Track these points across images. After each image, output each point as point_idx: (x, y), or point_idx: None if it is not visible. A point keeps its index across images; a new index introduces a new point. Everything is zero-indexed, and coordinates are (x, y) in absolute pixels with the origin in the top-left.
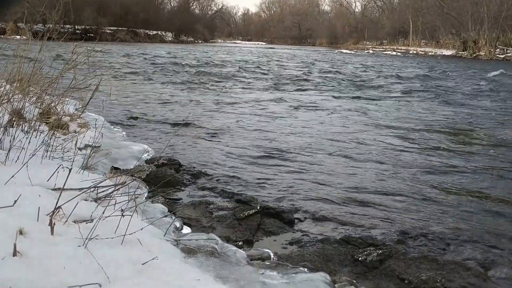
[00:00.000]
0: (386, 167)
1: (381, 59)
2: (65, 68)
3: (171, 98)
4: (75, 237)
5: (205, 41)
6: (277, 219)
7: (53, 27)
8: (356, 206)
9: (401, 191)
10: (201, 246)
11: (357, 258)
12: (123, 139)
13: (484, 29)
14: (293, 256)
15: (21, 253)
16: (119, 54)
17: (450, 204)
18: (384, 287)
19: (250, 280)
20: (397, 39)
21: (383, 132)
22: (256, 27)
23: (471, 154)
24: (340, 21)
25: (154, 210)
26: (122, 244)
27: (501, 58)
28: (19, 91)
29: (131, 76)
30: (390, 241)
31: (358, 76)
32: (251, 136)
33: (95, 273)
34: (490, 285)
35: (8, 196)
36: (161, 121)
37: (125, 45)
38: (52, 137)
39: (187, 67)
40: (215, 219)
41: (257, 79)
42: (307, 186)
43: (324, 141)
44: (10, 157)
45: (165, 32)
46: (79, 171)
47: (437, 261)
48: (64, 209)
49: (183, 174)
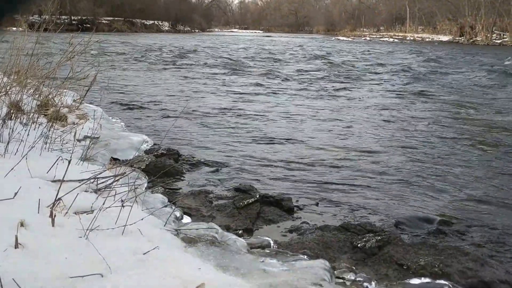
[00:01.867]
0: (385, 154)
1: (383, 46)
2: (62, 59)
3: (170, 88)
4: (76, 228)
5: (202, 30)
6: (276, 207)
7: (49, 18)
8: (355, 193)
9: (399, 178)
10: (201, 235)
11: (356, 245)
12: (121, 129)
13: (481, 14)
14: (293, 243)
15: (23, 244)
16: (116, 44)
17: (448, 190)
18: (383, 273)
19: (251, 268)
20: (394, 25)
21: (382, 119)
22: (253, 15)
23: (471, 140)
24: (337, 8)
25: (154, 200)
26: (123, 234)
27: (498, 43)
28: (16, 84)
29: (128, 67)
30: (388, 228)
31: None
32: (250, 125)
33: (97, 264)
34: (487, 269)
35: (8, 189)
36: (160, 111)
37: (122, 35)
38: (51, 129)
39: (184, 57)
40: (215, 208)
41: (258, 68)
42: (306, 174)
43: (323, 129)
44: (9, 150)
45: (162, 21)
46: (79, 162)
47: (435, 247)
48: (65, 201)
49: (182, 164)
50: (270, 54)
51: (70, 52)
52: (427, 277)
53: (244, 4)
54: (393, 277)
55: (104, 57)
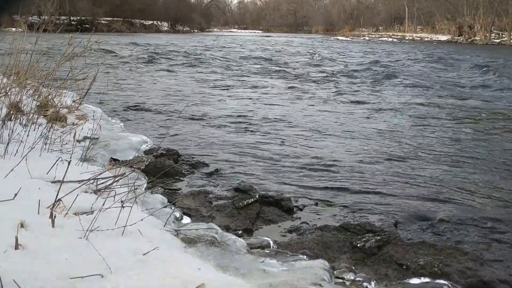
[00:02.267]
0: (384, 155)
1: (382, 46)
2: (61, 60)
3: (168, 88)
4: (76, 229)
5: (201, 30)
6: (276, 207)
7: (49, 18)
8: (354, 193)
9: (398, 177)
10: (201, 235)
11: (356, 245)
12: (121, 130)
13: (479, 14)
14: (293, 243)
15: (23, 245)
16: (115, 44)
17: (447, 189)
18: (383, 272)
19: (250, 268)
20: (393, 25)
21: (381, 118)
22: (252, 15)
23: (470, 141)
24: (335, 7)
25: (153, 201)
26: (122, 235)
27: (496, 43)
28: (16, 84)
29: (127, 67)
30: (388, 228)
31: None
32: (249, 124)
33: (97, 264)
34: (487, 269)
35: (8, 189)
36: (159, 111)
37: (121, 35)
38: (51, 129)
39: (184, 57)
40: (214, 208)
41: (256, 68)
42: (305, 174)
43: (322, 130)
44: (9, 151)
45: (161, 22)
46: (78, 163)
47: (435, 246)
48: (65, 202)
49: (181, 164)
50: (270, 55)
51: (70, 53)
52: (426, 277)
53: (243, 4)
54: (393, 277)
55: (103, 58)
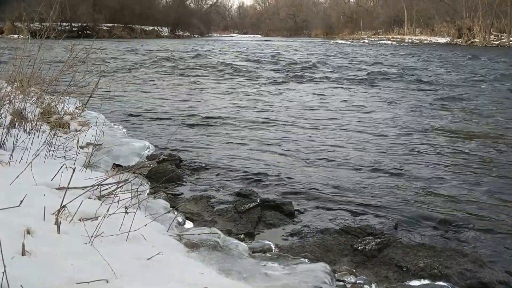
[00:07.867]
0: (385, 157)
1: (382, 49)
2: (64, 67)
3: (170, 94)
4: (81, 235)
5: (201, 35)
6: (277, 211)
7: (51, 25)
8: (355, 196)
9: (398, 180)
10: (204, 240)
11: (356, 248)
12: (123, 136)
13: (478, 15)
14: (294, 247)
15: (30, 252)
16: (116, 50)
17: (447, 191)
18: (383, 275)
19: (253, 272)
20: (392, 28)
21: (381, 121)
22: (252, 19)
23: (470, 143)
24: (335, 11)
25: (156, 206)
26: (127, 240)
27: (496, 45)
28: (19, 92)
29: (128, 72)
30: (388, 230)
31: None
32: (250, 129)
33: (102, 269)
34: (486, 271)
35: (14, 196)
36: (160, 116)
37: (122, 41)
38: (54, 136)
39: (184, 62)
40: (216, 213)
41: (256, 72)
42: (306, 178)
43: (322, 133)
44: (14, 158)
45: (161, 27)
46: (82, 169)
47: (434, 249)
48: (69, 208)
49: (184, 170)
50: (271, 58)
51: (72, 60)
52: (426, 279)
53: (243, 8)
54: (393, 279)
55: (105, 64)
